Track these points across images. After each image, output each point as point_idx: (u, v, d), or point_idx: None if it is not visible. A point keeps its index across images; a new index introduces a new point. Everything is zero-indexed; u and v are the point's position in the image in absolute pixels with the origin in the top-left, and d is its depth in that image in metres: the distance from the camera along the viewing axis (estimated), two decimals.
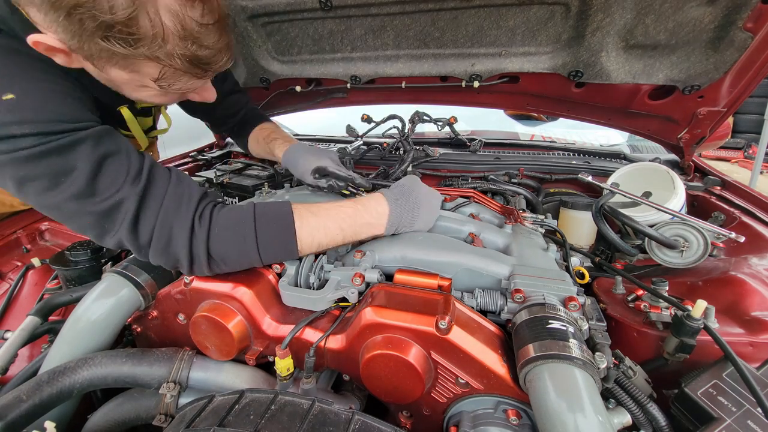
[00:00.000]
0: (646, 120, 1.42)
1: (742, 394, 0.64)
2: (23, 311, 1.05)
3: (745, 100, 1.19)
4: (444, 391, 0.71)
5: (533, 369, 0.61)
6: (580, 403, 0.55)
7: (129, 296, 0.87)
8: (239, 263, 0.80)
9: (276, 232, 0.79)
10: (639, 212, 1.15)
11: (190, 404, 0.67)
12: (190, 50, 0.68)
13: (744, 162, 5.88)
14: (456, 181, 1.54)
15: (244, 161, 1.84)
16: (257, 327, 0.81)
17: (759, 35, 1.01)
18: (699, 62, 1.14)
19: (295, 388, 0.78)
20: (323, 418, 0.58)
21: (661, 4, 1.04)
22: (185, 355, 0.84)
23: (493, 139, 1.90)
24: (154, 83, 0.73)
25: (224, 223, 0.77)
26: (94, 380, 0.78)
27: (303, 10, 1.32)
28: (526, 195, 1.40)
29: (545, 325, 0.66)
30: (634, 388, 0.68)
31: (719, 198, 1.34)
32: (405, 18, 1.29)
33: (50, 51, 0.67)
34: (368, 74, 1.51)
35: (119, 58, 0.66)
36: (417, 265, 0.86)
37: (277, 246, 0.80)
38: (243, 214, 0.79)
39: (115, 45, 0.62)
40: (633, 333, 0.86)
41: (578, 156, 1.72)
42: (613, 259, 1.16)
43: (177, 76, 0.72)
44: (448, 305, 0.71)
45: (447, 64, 1.41)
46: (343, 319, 0.80)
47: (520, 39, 1.27)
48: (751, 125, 5.74)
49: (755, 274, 0.92)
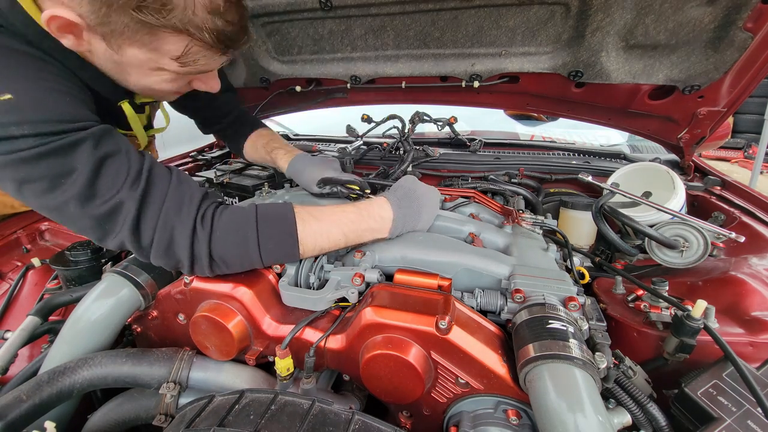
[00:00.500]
0: (646, 120, 1.42)
1: (742, 394, 0.64)
2: (23, 311, 1.05)
3: (745, 100, 1.19)
4: (444, 391, 0.71)
5: (533, 369, 0.61)
6: (580, 403, 0.55)
7: (129, 296, 0.87)
8: (241, 265, 0.80)
9: (278, 236, 0.79)
10: (639, 212, 1.15)
11: (190, 404, 0.67)
12: (217, 25, 0.69)
13: (744, 162, 5.88)
14: (456, 181, 1.54)
15: (244, 161, 1.84)
16: (257, 327, 0.81)
17: (759, 35, 1.01)
18: (699, 62, 1.13)
19: (295, 388, 0.78)
20: (323, 418, 0.58)
21: (661, 4, 1.04)
22: (185, 355, 0.84)
23: (493, 139, 1.90)
24: (173, 61, 0.73)
25: (226, 225, 0.76)
26: (94, 380, 0.78)
27: (303, 10, 1.32)
28: (526, 195, 1.40)
29: (545, 325, 0.66)
30: (634, 388, 0.68)
31: (719, 198, 1.34)
32: (405, 18, 1.29)
33: (63, 29, 0.66)
34: (368, 74, 1.51)
35: (144, 33, 0.66)
36: (417, 265, 0.86)
37: (279, 249, 0.80)
38: (245, 216, 0.78)
39: (148, 15, 0.62)
40: (633, 333, 0.86)
41: (578, 156, 1.72)
42: (613, 259, 1.16)
43: (201, 52, 0.73)
44: (448, 305, 0.71)
45: (447, 64, 1.41)
46: (343, 319, 0.80)
47: (520, 39, 1.27)
48: (751, 125, 5.74)
49: (755, 274, 0.92)
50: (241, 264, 0.80)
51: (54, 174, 0.67)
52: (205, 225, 0.74)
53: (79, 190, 0.67)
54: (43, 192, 0.68)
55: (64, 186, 0.67)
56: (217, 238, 0.75)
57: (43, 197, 0.68)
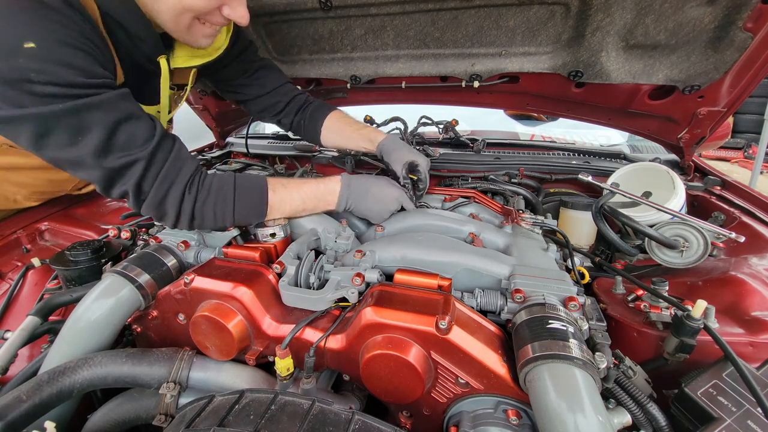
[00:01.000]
0: (646, 120, 1.42)
1: (742, 394, 0.64)
2: (23, 311, 1.04)
3: (745, 100, 1.19)
4: (444, 391, 0.71)
5: (533, 369, 0.61)
6: (580, 403, 0.55)
7: (129, 296, 0.87)
8: (215, 223, 0.93)
9: (251, 201, 0.93)
10: (639, 212, 1.15)
11: (190, 404, 0.67)
12: None
13: (744, 162, 5.88)
14: (456, 181, 1.54)
15: (244, 161, 1.85)
16: (257, 327, 0.81)
17: (759, 35, 1.01)
18: (699, 62, 1.13)
19: (295, 388, 0.78)
20: (323, 418, 0.58)
21: (661, 4, 1.04)
22: (185, 355, 0.84)
23: (493, 139, 1.90)
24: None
25: (209, 188, 0.90)
26: (94, 380, 0.78)
27: (303, 10, 1.32)
28: (526, 195, 1.40)
29: (545, 325, 0.66)
30: (634, 388, 0.68)
31: (719, 198, 1.34)
32: (405, 18, 1.29)
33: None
34: (368, 74, 1.51)
35: None
36: (417, 265, 0.86)
37: (250, 212, 0.94)
38: (226, 182, 0.92)
39: None
40: (633, 333, 0.86)
41: (578, 156, 1.72)
42: (613, 259, 1.16)
43: None
44: (448, 305, 0.71)
45: (447, 64, 1.41)
46: (343, 319, 0.80)
47: (520, 39, 1.27)
48: (751, 125, 5.74)
49: (755, 274, 0.92)
50: (215, 222, 0.93)
51: (73, 131, 0.75)
52: (193, 188, 0.89)
53: (97, 144, 0.76)
54: (63, 146, 0.77)
55: (82, 142, 0.76)
56: (201, 198, 0.89)
57: (62, 150, 0.77)
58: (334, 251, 0.99)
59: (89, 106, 0.75)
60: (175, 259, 0.99)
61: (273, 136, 2.23)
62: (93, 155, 0.77)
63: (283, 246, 1.00)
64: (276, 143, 2.08)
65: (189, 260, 1.02)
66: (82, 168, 0.80)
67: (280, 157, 1.96)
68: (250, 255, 0.93)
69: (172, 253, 1.00)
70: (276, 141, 2.12)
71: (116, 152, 0.80)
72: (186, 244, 1.01)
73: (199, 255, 1.01)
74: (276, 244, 0.99)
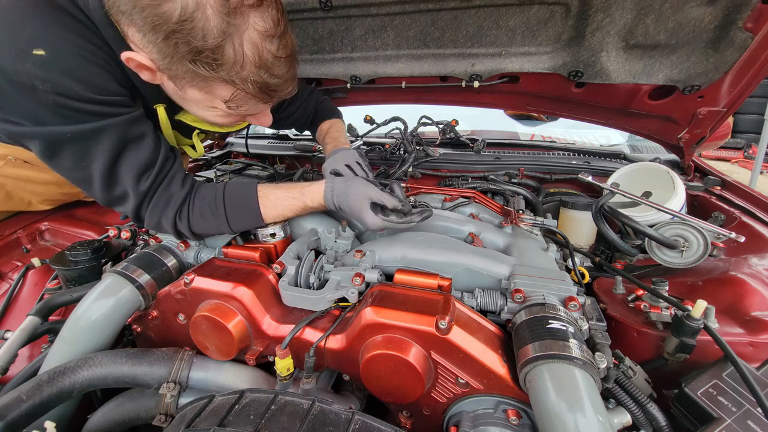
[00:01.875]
0: (646, 120, 1.42)
1: (742, 394, 0.64)
2: (23, 311, 1.04)
3: (745, 100, 1.19)
4: (444, 391, 0.71)
5: (533, 369, 0.61)
6: (580, 403, 0.55)
7: (129, 296, 0.87)
8: (215, 233, 0.99)
9: (243, 211, 0.95)
10: (639, 212, 1.15)
11: (190, 404, 0.67)
12: (263, 78, 0.78)
13: (744, 162, 5.88)
14: (456, 181, 1.54)
15: (244, 161, 1.85)
16: (257, 327, 0.81)
17: (759, 35, 1.01)
18: (699, 62, 1.13)
19: (295, 388, 0.78)
20: (323, 418, 0.58)
21: (661, 4, 1.04)
22: (185, 355, 0.84)
23: (493, 139, 1.89)
24: (223, 104, 0.83)
25: (200, 209, 0.93)
26: (94, 380, 0.78)
27: (303, 9, 1.32)
28: (526, 195, 1.40)
29: (545, 325, 0.66)
30: (634, 388, 0.68)
31: (719, 198, 1.34)
32: (405, 18, 1.29)
33: (139, 68, 0.78)
34: (368, 74, 1.51)
35: (199, 80, 0.77)
36: (417, 265, 0.86)
37: (245, 220, 0.96)
38: (214, 199, 0.94)
39: (200, 68, 0.73)
40: (633, 333, 0.86)
41: (578, 156, 1.72)
42: (613, 259, 1.16)
43: (245, 99, 0.83)
44: (448, 305, 0.71)
45: (447, 64, 1.41)
46: (343, 319, 0.80)
47: (520, 39, 1.27)
48: (751, 125, 5.74)
49: (755, 274, 0.92)
50: (215, 233, 0.99)
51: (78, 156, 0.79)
52: (184, 214, 0.92)
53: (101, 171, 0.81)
54: (68, 168, 0.81)
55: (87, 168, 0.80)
56: (195, 220, 0.93)
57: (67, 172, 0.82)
58: (334, 251, 0.99)
59: (96, 131, 0.77)
60: (175, 259, 1.00)
61: (273, 136, 2.23)
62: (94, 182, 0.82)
63: (283, 246, 1.00)
64: (276, 143, 2.08)
65: (189, 260, 1.02)
66: (85, 189, 0.86)
67: (280, 157, 1.96)
68: (250, 255, 0.94)
69: (172, 253, 1.00)
70: (276, 141, 2.12)
71: (114, 184, 0.84)
72: (186, 244, 1.01)
73: (199, 255, 1.01)
74: (276, 244, 0.99)
